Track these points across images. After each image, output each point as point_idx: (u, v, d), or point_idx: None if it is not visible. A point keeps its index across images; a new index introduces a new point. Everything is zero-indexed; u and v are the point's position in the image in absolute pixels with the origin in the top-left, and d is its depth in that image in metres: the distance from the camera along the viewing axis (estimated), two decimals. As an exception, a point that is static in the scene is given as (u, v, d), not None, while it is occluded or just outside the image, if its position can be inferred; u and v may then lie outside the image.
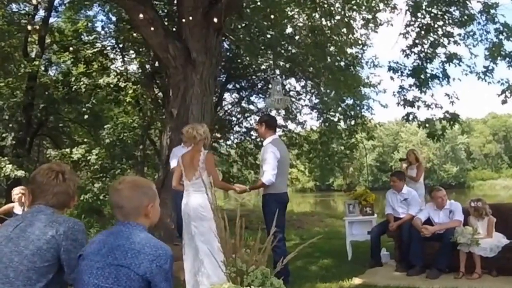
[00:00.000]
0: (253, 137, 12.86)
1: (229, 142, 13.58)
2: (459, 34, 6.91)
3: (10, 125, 11.10)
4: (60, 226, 1.79)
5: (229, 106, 13.33)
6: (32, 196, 1.91)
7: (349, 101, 11.30)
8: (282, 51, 10.05)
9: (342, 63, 8.85)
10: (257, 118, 12.40)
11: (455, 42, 6.90)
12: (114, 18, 11.06)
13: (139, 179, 1.95)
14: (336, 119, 11.74)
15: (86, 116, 11.42)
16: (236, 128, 13.18)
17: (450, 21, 6.76)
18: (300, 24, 9.73)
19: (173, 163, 5.12)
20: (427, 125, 7.32)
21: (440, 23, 6.83)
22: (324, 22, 7.00)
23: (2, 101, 10.50)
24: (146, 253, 1.68)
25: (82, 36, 11.17)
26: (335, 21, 6.85)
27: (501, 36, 6.35)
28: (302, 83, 12.03)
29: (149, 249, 1.70)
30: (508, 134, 52.89)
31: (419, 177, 6.30)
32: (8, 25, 10.11)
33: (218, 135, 12.18)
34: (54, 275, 1.78)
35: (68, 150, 10.20)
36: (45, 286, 1.74)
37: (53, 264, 1.78)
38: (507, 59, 6.39)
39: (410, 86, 7.27)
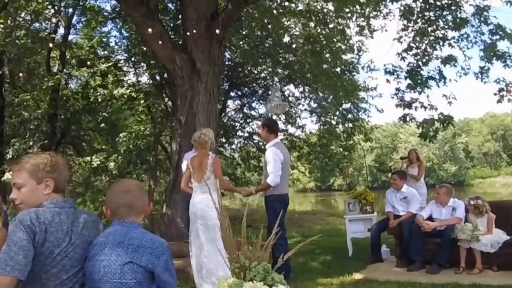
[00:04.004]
0: (255, 141, 12.78)
1: (233, 146, 13.55)
2: (453, 37, 6.70)
3: (37, 134, 11.22)
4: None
5: (232, 113, 13.29)
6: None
7: (347, 105, 11.14)
8: (280, 59, 9.97)
9: (338, 69, 8.70)
10: (259, 123, 12.43)
11: (450, 45, 6.69)
12: (126, 34, 11.10)
13: (137, 181, 2.05)
14: (334, 122, 11.59)
15: (103, 125, 11.51)
16: (239, 133, 13.14)
17: (444, 24, 6.54)
18: (297, 33, 9.65)
19: (185, 167, 5.04)
20: (425, 125, 7.06)
21: (434, 27, 6.62)
22: (319, 31, 6.86)
23: (28, 113, 10.54)
24: (144, 247, 1.72)
25: (98, 51, 11.24)
26: (329, 29, 6.71)
27: (494, 37, 6.12)
28: (301, 89, 11.91)
29: (146, 243, 1.74)
30: (506, 133, 51.15)
31: (420, 175, 6.06)
32: (32, 43, 10.18)
33: (223, 140, 12.13)
34: None
35: (88, 158, 10.30)
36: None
37: None
38: (502, 59, 6.15)
39: (407, 87, 7.03)
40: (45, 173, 1.70)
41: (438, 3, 6.49)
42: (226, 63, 10.27)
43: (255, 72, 11.50)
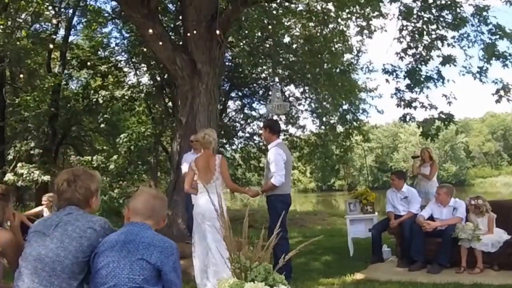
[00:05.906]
0: (256, 142, 12.78)
1: (233, 147, 13.54)
2: (453, 37, 6.67)
3: (38, 135, 11.25)
4: (95, 225, 1.88)
5: (233, 113, 13.31)
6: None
7: (345, 106, 11.15)
8: (281, 59, 9.95)
9: (338, 70, 8.69)
10: (259, 123, 12.43)
11: (449, 45, 6.65)
12: (126, 35, 11.11)
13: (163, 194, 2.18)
14: (333, 122, 11.58)
15: (103, 126, 11.51)
16: (240, 134, 13.15)
17: (443, 24, 6.51)
18: (297, 33, 9.63)
19: (184, 168, 4.98)
20: (424, 125, 7.01)
21: (434, 26, 6.59)
22: (319, 31, 6.83)
23: (29, 113, 10.59)
24: (155, 246, 1.78)
25: (99, 52, 11.26)
26: (329, 29, 6.68)
27: (494, 37, 6.10)
28: (301, 89, 11.90)
29: (157, 242, 1.80)
30: (506, 132, 50.83)
31: (432, 175, 5.97)
32: (33, 44, 10.21)
33: (224, 141, 12.14)
34: (88, 269, 1.87)
35: (89, 157, 10.33)
36: (82, 280, 1.84)
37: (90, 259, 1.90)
38: (501, 59, 6.14)
39: (406, 87, 7.01)
40: None
41: (438, 3, 6.47)
42: (227, 63, 10.28)
43: (256, 72, 11.52)
